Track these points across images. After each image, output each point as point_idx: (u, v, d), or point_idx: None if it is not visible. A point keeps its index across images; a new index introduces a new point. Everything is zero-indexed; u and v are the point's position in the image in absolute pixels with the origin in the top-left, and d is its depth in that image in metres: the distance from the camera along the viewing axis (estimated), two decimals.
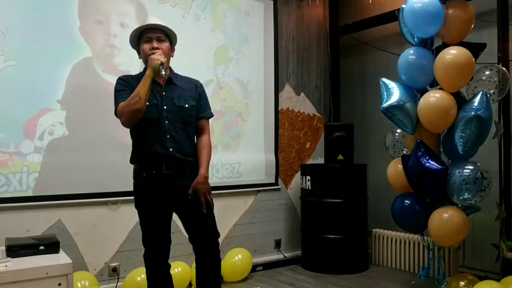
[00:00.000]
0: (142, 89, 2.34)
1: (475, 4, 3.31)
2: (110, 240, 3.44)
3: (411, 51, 3.14)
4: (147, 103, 2.40)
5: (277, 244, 4.43)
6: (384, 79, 3.24)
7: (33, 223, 3.13)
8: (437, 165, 2.95)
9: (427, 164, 2.97)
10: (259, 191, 4.30)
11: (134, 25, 3.54)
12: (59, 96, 3.23)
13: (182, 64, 2.82)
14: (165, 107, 2.47)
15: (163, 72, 2.36)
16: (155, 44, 2.45)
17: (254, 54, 4.29)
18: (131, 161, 2.58)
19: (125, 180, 3.39)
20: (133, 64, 3.53)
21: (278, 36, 4.48)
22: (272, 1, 4.42)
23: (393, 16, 4.24)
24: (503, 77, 3.10)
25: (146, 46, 2.47)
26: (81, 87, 3.32)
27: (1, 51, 3.01)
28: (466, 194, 2.88)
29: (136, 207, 2.56)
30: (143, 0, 3.62)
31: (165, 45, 2.49)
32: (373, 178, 4.38)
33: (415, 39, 3.18)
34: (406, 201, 3.23)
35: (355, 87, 4.87)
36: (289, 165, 4.57)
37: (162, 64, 2.36)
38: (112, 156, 3.41)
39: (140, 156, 2.52)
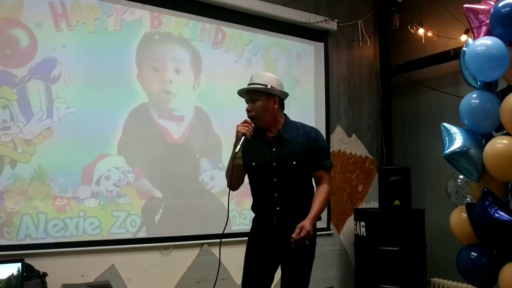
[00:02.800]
0: (229, 164, 2.48)
1: None
2: (161, 286, 3.39)
3: (474, 95, 2.99)
4: (253, 163, 2.51)
5: None
6: (445, 124, 3.09)
7: (88, 268, 3.14)
8: (507, 216, 2.74)
9: (496, 215, 2.76)
10: None
11: (189, 70, 3.64)
12: (116, 141, 3.29)
13: (234, 108, 2.83)
14: (274, 164, 2.47)
15: (238, 147, 2.37)
16: (248, 107, 2.50)
17: (305, 97, 4.26)
18: (251, 208, 2.66)
19: (177, 224, 3.41)
20: (186, 109, 3.60)
21: (329, 78, 4.44)
22: (322, 43, 4.41)
23: (448, 56, 4.13)
24: None
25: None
26: (137, 132, 3.39)
27: (63, 99, 3.12)
28: None
29: (246, 249, 2.62)
30: (197, 46, 3.69)
31: (258, 104, 2.47)
32: (429, 223, 4.15)
33: (478, 83, 3.05)
34: (473, 253, 3.01)
35: (408, 127, 4.72)
36: (341, 209, 4.43)
37: (244, 134, 2.38)
38: (166, 200, 3.44)
39: (255, 208, 2.61)
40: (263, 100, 2.47)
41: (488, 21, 2.95)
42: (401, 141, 4.77)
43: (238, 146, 2.37)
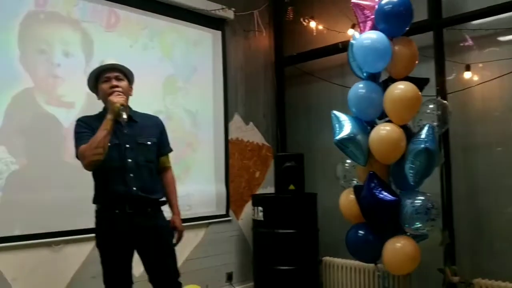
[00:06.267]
0: (103, 133, 2.33)
1: (413, 39, 3.47)
2: (52, 285, 3.17)
3: (361, 85, 3.22)
4: (109, 144, 2.37)
5: (229, 277, 4.33)
6: (335, 112, 3.29)
7: None
8: (390, 196, 3.02)
9: (380, 196, 3.03)
10: (210, 223, 4.20)
11: (79, 54, 3.41)
12: None
13: None
14: (127, 146, 2.46)
15: (124, 116, 2.38)
16: (114, 83, 2.44)
17: (203, 84, 4.24)
18: (94, 201, 2.53)
19: (68, 218, 3.20)
20: (77, 95, 3.37)
21: (226, 66, 4.47)
22: (220, 32, 4.42)
23: (336, 48, 4.38)
24: (444, 110, 3.28)
25: (105, 86, 2.46)
26: (21, 120, 3.10)
27: None
28: (417, 223, 2.96)
29: (98, 246, 2.50)
30: (88, 29, 3.46)
31: (124, 83, 2.50)
32: (321, 206, 4.41)
33: (364, 74, 3.28)
34: (360, 231, 3.27)
35: (301, 116, 4.94)
36: (239, 195, 4.52)
37: (122, 105, 2.37)
38: (54, 193, 3.19)
39: (103, 196, 2.49)
40: (126, 83, 2.55)
41: (373, 16, 3.19)
42: (294, 128, 4.98)
43: (124, 116, 2.38)
